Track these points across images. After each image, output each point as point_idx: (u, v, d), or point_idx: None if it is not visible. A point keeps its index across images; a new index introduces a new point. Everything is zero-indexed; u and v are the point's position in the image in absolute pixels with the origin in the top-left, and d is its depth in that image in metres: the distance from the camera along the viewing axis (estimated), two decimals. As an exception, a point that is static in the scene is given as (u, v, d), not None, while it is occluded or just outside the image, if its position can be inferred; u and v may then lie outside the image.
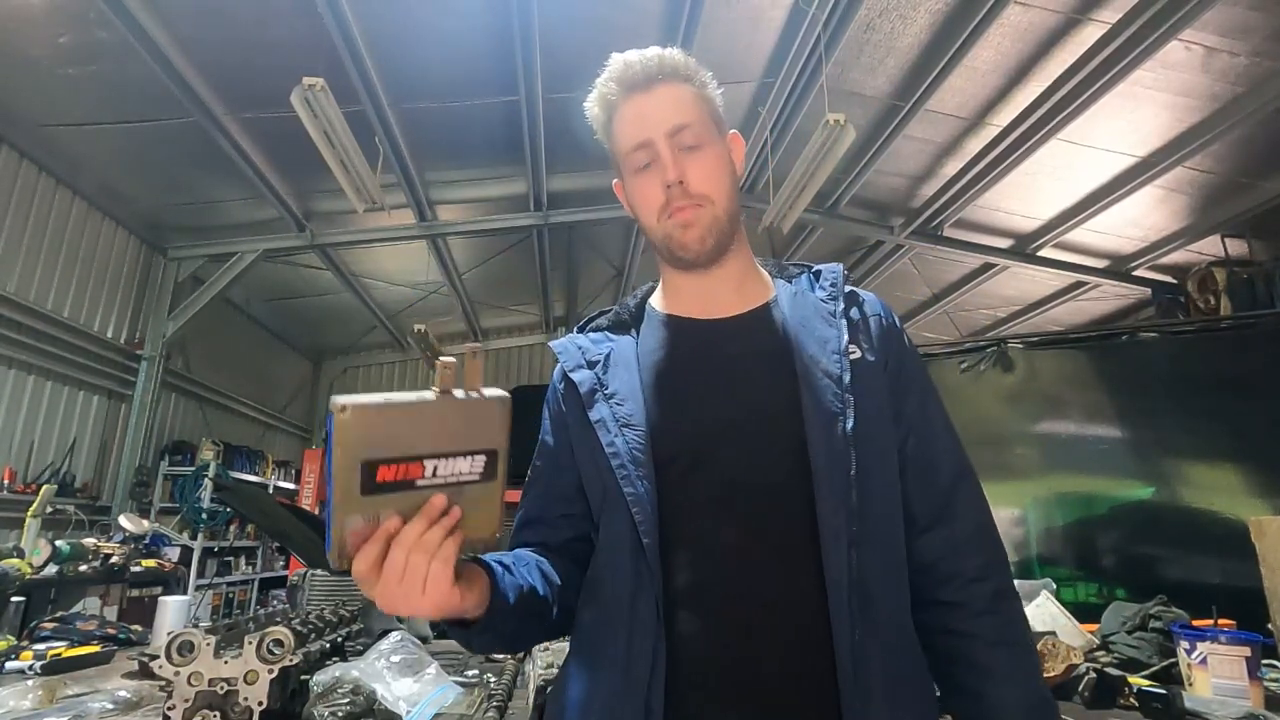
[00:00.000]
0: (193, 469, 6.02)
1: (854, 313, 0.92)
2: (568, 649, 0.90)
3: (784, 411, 0.82)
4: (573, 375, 0.90)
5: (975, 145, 4.94)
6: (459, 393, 0.62)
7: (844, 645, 0.72)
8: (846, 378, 0.83)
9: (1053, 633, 1.77)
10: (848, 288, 0.94)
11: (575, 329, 1.01)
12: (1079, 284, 6.74)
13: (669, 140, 0.86)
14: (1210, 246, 5.74)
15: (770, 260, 1.03)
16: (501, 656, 1.83)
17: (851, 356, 0.85)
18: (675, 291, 0.97)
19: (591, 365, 0.90)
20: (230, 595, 6.65)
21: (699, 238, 0.87)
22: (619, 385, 0.87)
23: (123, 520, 3.74)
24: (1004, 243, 6.31)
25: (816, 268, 0.99)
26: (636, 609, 0.76)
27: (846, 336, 0.87)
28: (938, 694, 0.84)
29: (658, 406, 0.85)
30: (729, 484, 0.80)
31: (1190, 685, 1.53)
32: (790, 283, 0.98)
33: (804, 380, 0.83)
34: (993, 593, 0.84)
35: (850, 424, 0.80)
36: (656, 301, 0.99)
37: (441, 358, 0.61)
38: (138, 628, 2.20)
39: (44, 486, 3.27)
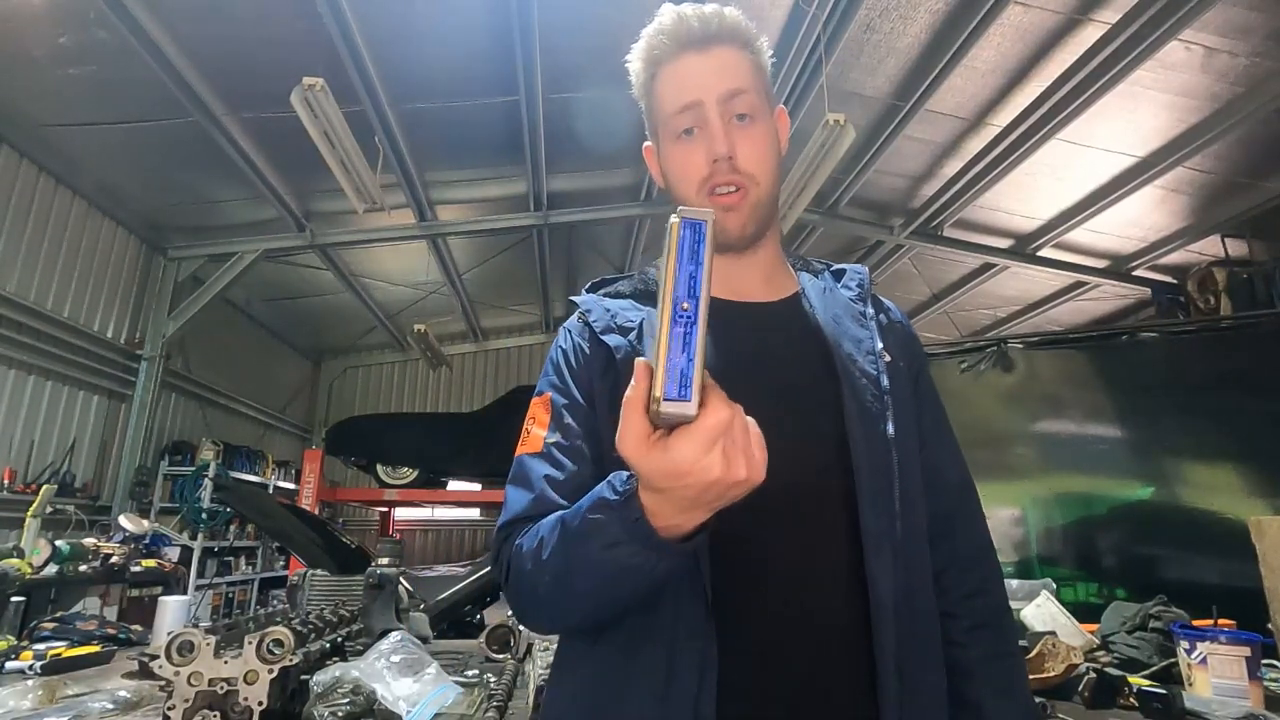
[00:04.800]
0: (193, 469, 6.03)
1: (881, 317, 0.90)
2: (560, 650, 0.85)
3: (825, 409, 0.78)
4: (605, 338, 0.82)
5: (975, 145, 4.94)
6: None
7: (886, 656, 0.71)
8: (884, 380, 0.81)
9: (1053, 633, 1.76)
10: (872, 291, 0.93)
11: (586, 289, 0.93)
12: (1079, 284, 6.75)
13: (721, 107, 0.80)
14: (1210, 246, 5.75)
15: (792, 253, 0.99)
16: (501, 656, 1.83)
17: (885, 360, 0.83)
18: None
19: (624, 332, 0.82)
20: (230, 595, 6.65)
21: (741, 224, 0.82)
22: None
23: (123, 520, 3.74)
24: (1004, 243, 6.31)
25: (837, 266, 0.97)
26: (681, 611, 0.70)
27: (879, 340, 0.85)
28: None
29: None
30: (773, 479, 0.77)
31: (1190, 685, 1.53)
32: (816, 277, 0.94)
33: (845, 379, 0.79)
34: (992, 606, 0.87)
35: (891, 429, 0.79)
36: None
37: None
38: (138, 628, 2.20)
39: (44, 486, 3.27)
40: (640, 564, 0.61)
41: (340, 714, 1.21)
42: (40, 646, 1.80)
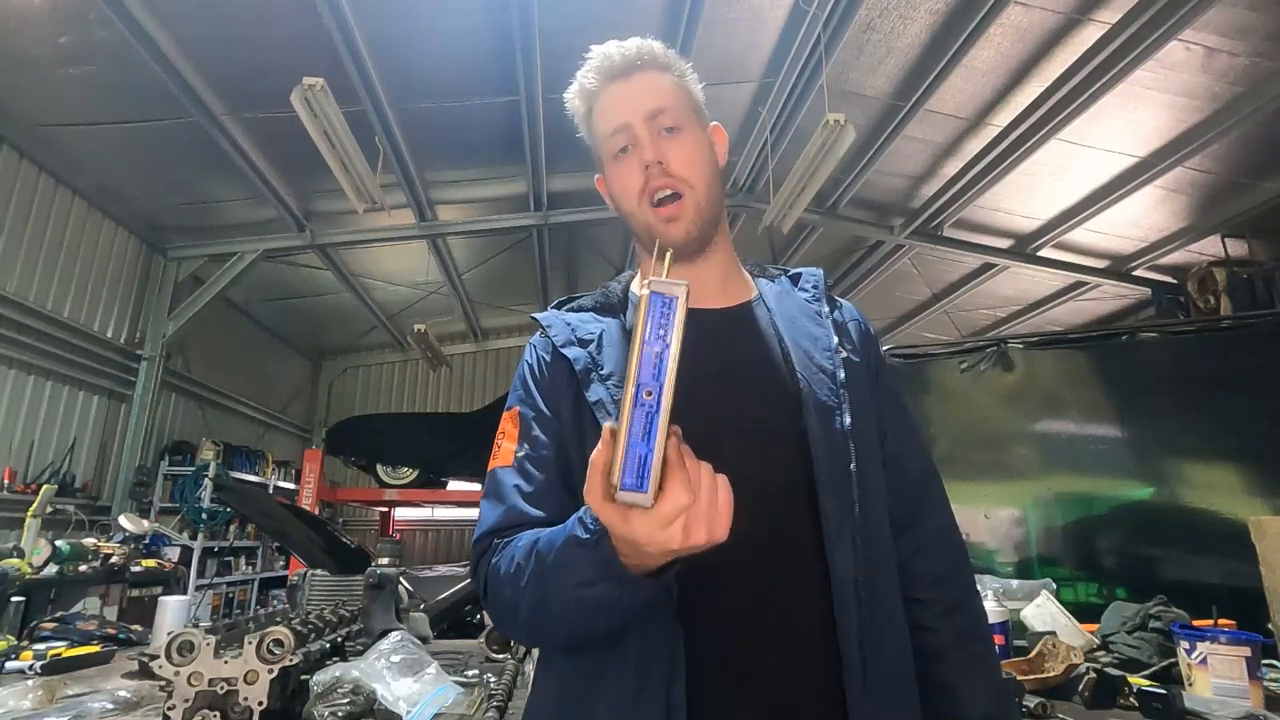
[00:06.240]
0: (193, 469, 6.03)
1: (837, 315, 0.95)
2: (541, 653, 0.88)
3: (782, 404, 0.82)
4: (565, 351, 0.87)
5: (975, 145, 4.94)
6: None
7: (849, 639, 0.73)
8: (841, 374, 0.85)
9: (1053, 633, 1.77)
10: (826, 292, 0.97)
11: (552, 306, 0.97)
12: (1079, 284, 6.75)
13: (648, 123, 0.86)
14: (1210, 246, 5.75)
15: (749, 262, 1.03)
16: (501, 656, 1.83)
17: (841, 355, 0.88)
18: None
19: (584, 344, 0.87)
20: (230, 595, 6.65)
21: (683, 231, 0.86)
22: (614, 367, 0.84)
23: (123, 520, 3.75)
24: (1004, 243, 6.31)
25: (794, 270, 1.01)
26: (648, 610, 0.72)
27: (835, 336, 0.89)
28: None
29: None
30: (732, 474, 0.78)
31: (1190, 685, 1.53)
32: (773, 281, 0.99)
33: (801, 375, 0.83)
34: (961, 590, 0.90)
35: (848, 420, 0.82)
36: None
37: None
38: (138, 628, 2.20)
39: (44, 486, 3.27)
40: (615, 600, 0.64)
41: (340, 714, 1.21)
42: (40, 646, 1.80)
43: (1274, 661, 1.73)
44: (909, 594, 0.86)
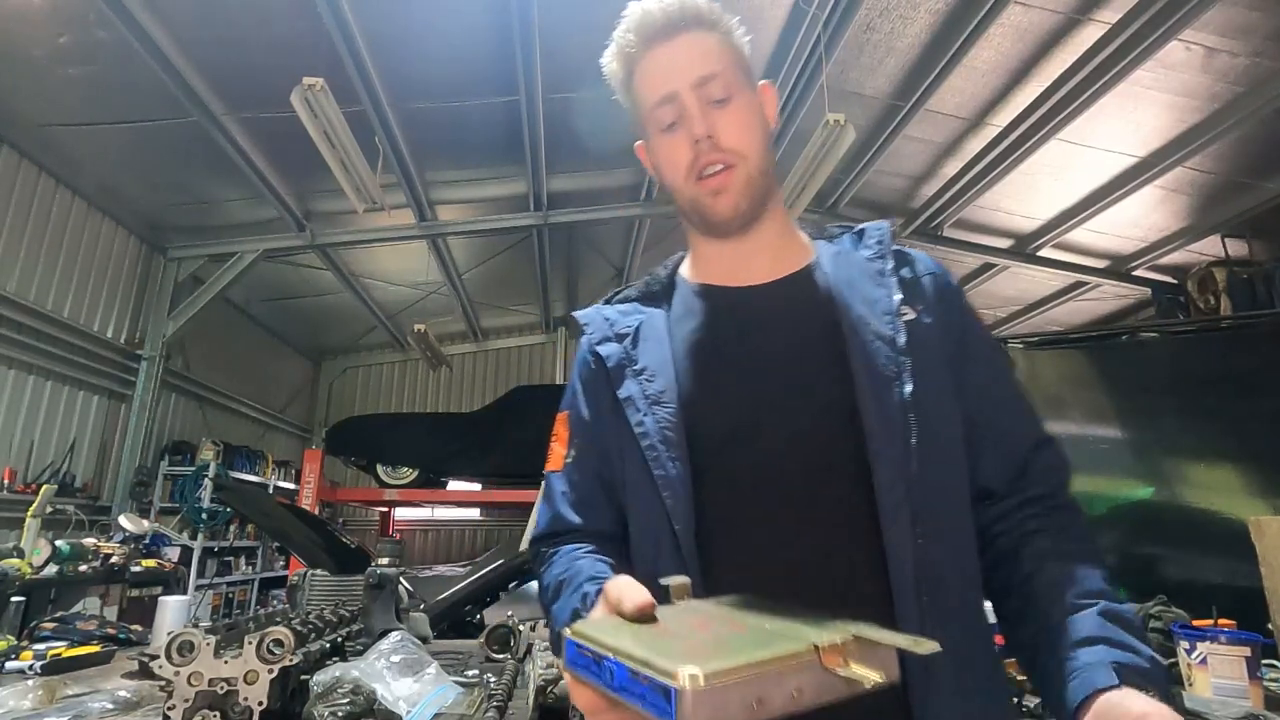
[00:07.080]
0: (193, 469, 6.03)
1: (905, 271, 0.84)
2: None
3: (832, 378, 0.76)
4: (599, 349, 0.85)
5: (975, 145, 4.94)
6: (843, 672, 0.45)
7: (909, 623, 0.67)
8: (901, 339, 0.76)
9: (1053, 633, 1.76)
10: (895, 246, 0.87)
11: (603, 300, 0.95)
12: (1079, 284, 6.75)
13: (696, 92, 0.80)
14: (1210, 246, 5.75)
15: (809, 222, 0.96)
16: (501, 656, 1.83)
17: (905, 318, 0.78)
18: (705, 260, 0.90)
19: (620, 339, 0.85)
20: (230, 595, 6.65)
21: (732, 204, 0.81)
22: (649, 360, 0.82)
23: (123, 520, 3.74)
24: (1004, 243, 6.31)
25: (860, 226, 0.92)
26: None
27: (898, 296, 0.80)
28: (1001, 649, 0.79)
29: (690, 381, 0.79)
30: (772, 461, 0.74)
31: (1190, 685, 1.53)
32: (832, 243, 0.91)
33: (852, 343, 0.76)
34: (1067, 520, 0.77)
35: (909, 388, 0.73)
36: (686, 271, 0.93)
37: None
38: (138, 628, 2.20)
39: (44, 486, 3.27)
40: None
41: (340, 714, 1.21)
42: (40, 646, 1.80)
43: (1274, 661, 1.73)
44: (994, 531, 0.77)
